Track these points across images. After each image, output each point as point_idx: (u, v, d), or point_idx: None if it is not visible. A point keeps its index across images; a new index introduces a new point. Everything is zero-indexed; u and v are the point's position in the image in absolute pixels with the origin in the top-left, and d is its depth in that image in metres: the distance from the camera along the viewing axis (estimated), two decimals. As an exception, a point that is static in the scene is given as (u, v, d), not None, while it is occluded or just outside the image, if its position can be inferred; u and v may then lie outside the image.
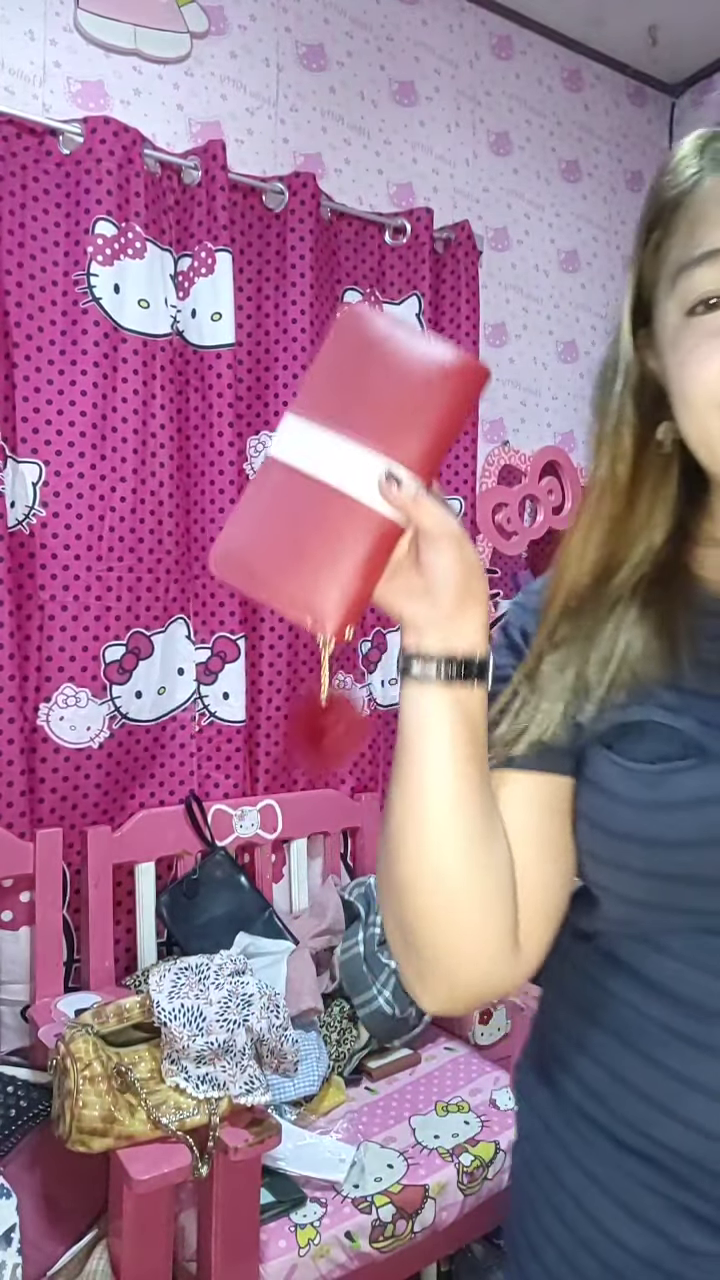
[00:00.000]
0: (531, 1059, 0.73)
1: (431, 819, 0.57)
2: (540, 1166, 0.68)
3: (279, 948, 1.73)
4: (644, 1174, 0.60)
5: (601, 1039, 0.64)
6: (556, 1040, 0.69)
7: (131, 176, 1.76)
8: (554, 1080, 0.68)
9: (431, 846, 0.57)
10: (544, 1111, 0.68)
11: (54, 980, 1.65)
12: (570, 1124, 0.65)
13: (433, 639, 0.56)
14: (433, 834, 0.57)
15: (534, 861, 0.62)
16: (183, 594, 1.91)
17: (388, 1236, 1.35)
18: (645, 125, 2.81)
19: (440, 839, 0.57)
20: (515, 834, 0.61)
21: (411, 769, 0.57)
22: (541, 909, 0.62)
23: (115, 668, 1.79)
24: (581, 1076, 0.65)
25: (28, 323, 1.71)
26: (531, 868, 0.61)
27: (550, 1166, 0.67)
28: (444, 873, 0.57)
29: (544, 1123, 0.68)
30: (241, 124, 2.04)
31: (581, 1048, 0.65)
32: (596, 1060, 0.64)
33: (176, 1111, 1.21)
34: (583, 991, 0.66)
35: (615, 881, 0.61)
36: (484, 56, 2.44)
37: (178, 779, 1.92)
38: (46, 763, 1.73)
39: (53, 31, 1.79)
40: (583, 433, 2.72)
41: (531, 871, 0.61)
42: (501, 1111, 1.60)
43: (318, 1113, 1.56)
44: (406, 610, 0.56)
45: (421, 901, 0.58)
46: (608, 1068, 0.63)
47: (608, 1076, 0.63)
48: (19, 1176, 1.32)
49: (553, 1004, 0.71)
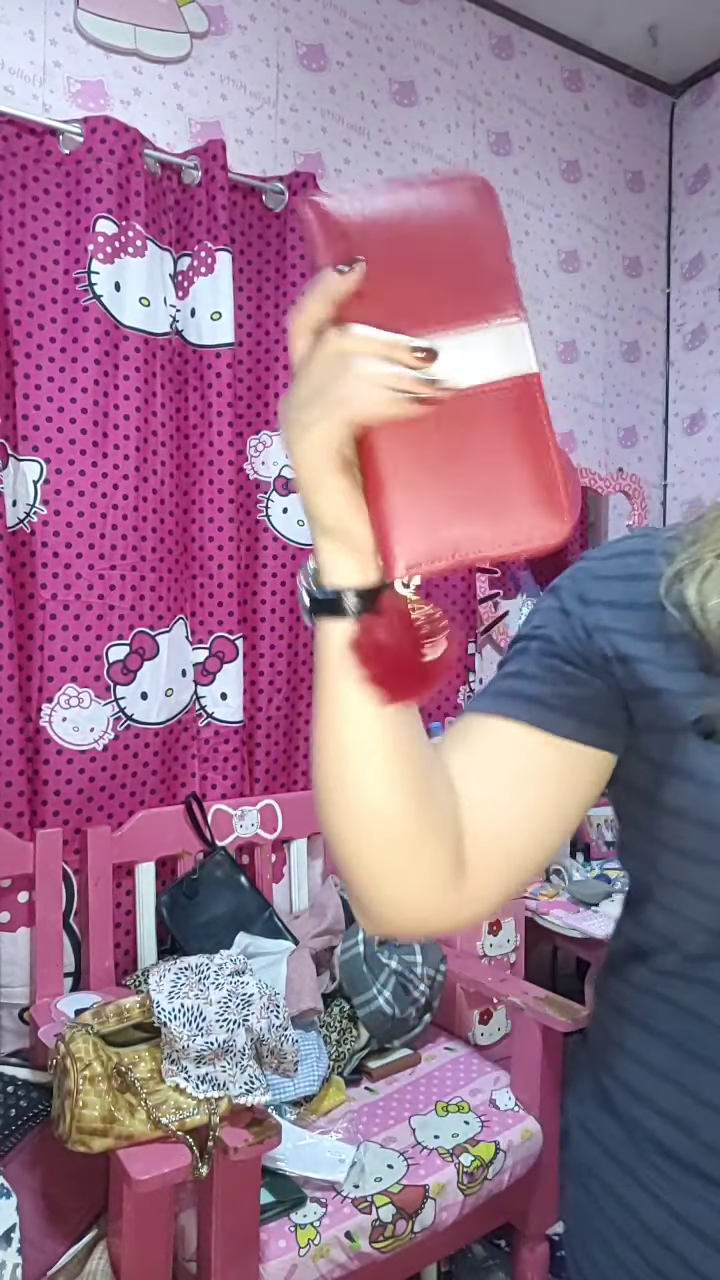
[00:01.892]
0: (588, 1087, 0.70)
1: (353, 763, 0.53)
2: (610, 1200, 0.65)
3: (279, 948, 1.73)
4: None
5: (685, 1064, 0.60)
6: (624, 1066, 0.65)
7: (131, 176, 1.76)
8: (620, 1108, 0.65)
9: (352, 788, 0.54)
10: (609, 1142, 0.65)
11: (54, 980, 1.65)
12: (644, 1155, 0.62)
13: (357, 566, 0.49)
14: (354, 776, 0.53)
15: (502, 805, 0.60)
16: (182, 594, 1.91)
17: (388, 1236, 1.35)
18: (645, 125, 2.81)
19: (361, 781, 0.53)
20: (486, 776, 0.60)
21: (326, 709, 0.53)
22: (498, 853, 0.59)
23: (119, 668, 1.79)
24: (659, 1104, 0.62)
25: (28, 321, 1.71)
26: (496, 811, 0.59)
27: (623, 1200, 0.64)
28: (366, 815, 0.54)
29: (608, 1153, 0.65)
30: (241, 124, 2.04)
31: (659, 1074, 0.62)
32: (681, 1087, 0.61)
33: (176, 1111, 1.20)
34: (654, 1013, 0.63)
35: (711, 881, 0.57)
36: (484, 56, 2.44)
37: (180, 780, 1.92)
38: (50, 764, 1.72)
39: (53, 31, 1.80)
40: (583, 433, 2.73)
41: (492, 812, 0.59)
42: (501, 1111, 1.60)
43: (318, 1113, 1.56)
44: (358, 528, 0.48)
45: (346, 849, 0.56)
46: (694, 1094, 0.60)
47: (693, 1102, 0.60)
48: (19, 1176, 1.31)
49: (614, 1028, 0.67)
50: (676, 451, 2.86)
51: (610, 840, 2.43)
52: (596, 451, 2.73)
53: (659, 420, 2.88)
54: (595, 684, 0.60)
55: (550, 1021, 1.59)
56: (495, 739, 0.61)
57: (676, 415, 2.87)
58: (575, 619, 0.62)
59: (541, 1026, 1.60)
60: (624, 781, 0.63)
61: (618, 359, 2.78)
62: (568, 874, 2.20)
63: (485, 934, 1.98)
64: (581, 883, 2.13)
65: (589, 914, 1.99)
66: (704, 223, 2.77)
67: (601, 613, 0.61)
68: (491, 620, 2.45)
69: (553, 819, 0.61)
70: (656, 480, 2.87)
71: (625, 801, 0.64)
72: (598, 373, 2.73)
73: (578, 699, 0.60)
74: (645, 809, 0.61)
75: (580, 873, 2.22)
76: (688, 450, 2.82)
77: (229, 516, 1.91)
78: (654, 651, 0.58)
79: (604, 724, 0.61)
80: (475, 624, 2.39)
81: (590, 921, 1.94)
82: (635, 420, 2.82)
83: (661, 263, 2.88)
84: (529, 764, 0.60)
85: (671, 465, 2.87)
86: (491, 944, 1.99)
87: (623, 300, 2.79)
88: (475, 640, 2.39)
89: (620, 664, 0.59)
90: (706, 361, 2.77)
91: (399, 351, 0.44)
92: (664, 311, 2.89)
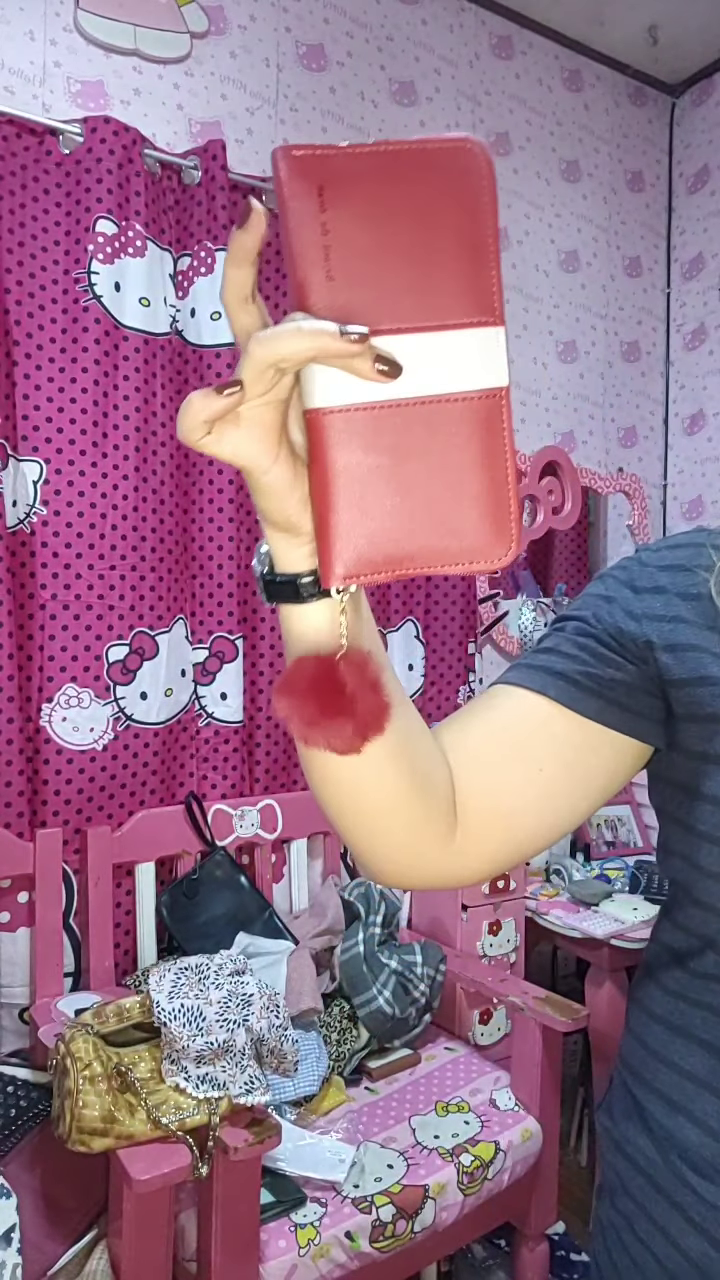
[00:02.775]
0: (621, 1103, 0.68)
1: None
2: (644, 1222, 0.63)
3: (279, 948, 1.73)
4: None
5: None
6: (659, 1075, 0.64)
7: (131, 176, 1.76)
8: (654, 1122, 0.63)
9: (333, 768, 0.53)
10: (643, 1163, 0.64)
11: (54, 980, 1.65)
12: (679, 1176, 0.60)
13: (308, 552, 0.46)
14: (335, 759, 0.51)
15: (510, 775, 0.60)
16: (182, 593, 1.91)
17: (388, 1236, 1.35)
18: (645, 125, 2.81)
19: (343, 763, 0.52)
20: (500, 745, 0.60)
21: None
22: (499, 821, 0.60)
23: (119, 668, 1.79)
24: (696, 1114, 0.60)
25: (28, 321, 1.71)
26: (503, 780, 0.60)
27: (657, 1223, 0.62)
28: (350, 792, 0.54)
29: (643, 1174, 0.64)
30: (241, 124, 2.04)
31: (698, 1082, 0.60)
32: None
33: (176, 1111, 1.21)
34: (691, 1019, 0.62)
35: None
36: (484, 56, 2.44)
37: (177, 780, 1.92)
38: (49, 764, 1.72)
39: (53, 31, 1.79)
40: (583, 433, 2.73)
41: (500, 781, 0.60)
42: (501, 1111, 1.60)
43: (318, 1113, 1.56)
44: (304, 523, 0.45)
45: (331, 813, 0.56)
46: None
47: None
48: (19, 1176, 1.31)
49: (649, 1035, 0.66)
50: (676, 451, 2.86)
51: (610, 840, 2.43)
52: (596, 451, 2.73)
53: (659, 420, 2.88)
54: (628, 669, 0.60)
55: (550, 1021, 1.59)
56: (516, 710, 0.61)
57: (676, 415, 2.87)
58: (619, 605, 0.62)
59: (541, 1026, 1.60)
60: (664, 777, 0.63)
61: (618, 359, 2.78)
62: (568, 874, 2.20)
63: (485, 934, 1.98)
64: (581, 883, 2.13)
65: (589, 914, 1.99)
66: (704, 223, 2.77)
67: (652, 600, 0.61)
68: (492, 620, 2.45)
69: (563, 797, 0.61)
70: (656, 480, 2.87)
71: (666, 798, 0.64)
72: (598, 373, 2.73)
73: (606, 681, 0.60)
74: (685, 801, 0.61)
75: (580, 873, 2.22)
76: (688, 450, 2.82)
77: (229, 516, 1.91)
78: (705, 640, 0.58)
79: (630, 710, 0.61)
80: (475, 624, 2.38)
81: (590, 921, 1.94)
82: (635, 420, 2.82)
83: (661, 263, 2.88)
84: (546, 738, 0.60)
85: (671, 465, 2.87)
86: (491, 944, 1.99)
87: (623, 300, 2.79)
88: (475, 640, 2.39)
89: (667, 652, 0.59)
90: (706, 361, 2.77)
91: (357, 363, 0.39)
92: (664, 311, 2.89)
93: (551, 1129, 1.62)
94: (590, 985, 1.93)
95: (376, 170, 0.40)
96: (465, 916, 1.96)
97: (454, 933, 1.97)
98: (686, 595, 0.60)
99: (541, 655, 0.63)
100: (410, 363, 0.41)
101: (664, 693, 0.60)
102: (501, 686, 0.63)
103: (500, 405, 0.42)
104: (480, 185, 0.41)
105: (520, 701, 0.61)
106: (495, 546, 0.43)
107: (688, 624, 0.59)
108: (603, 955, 1.90)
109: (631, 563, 0.65)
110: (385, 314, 0.41)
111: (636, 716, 0.61)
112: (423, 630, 2.26)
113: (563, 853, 2.38)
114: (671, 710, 0.60)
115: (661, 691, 0.60)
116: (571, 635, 0.62)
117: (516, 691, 0.62)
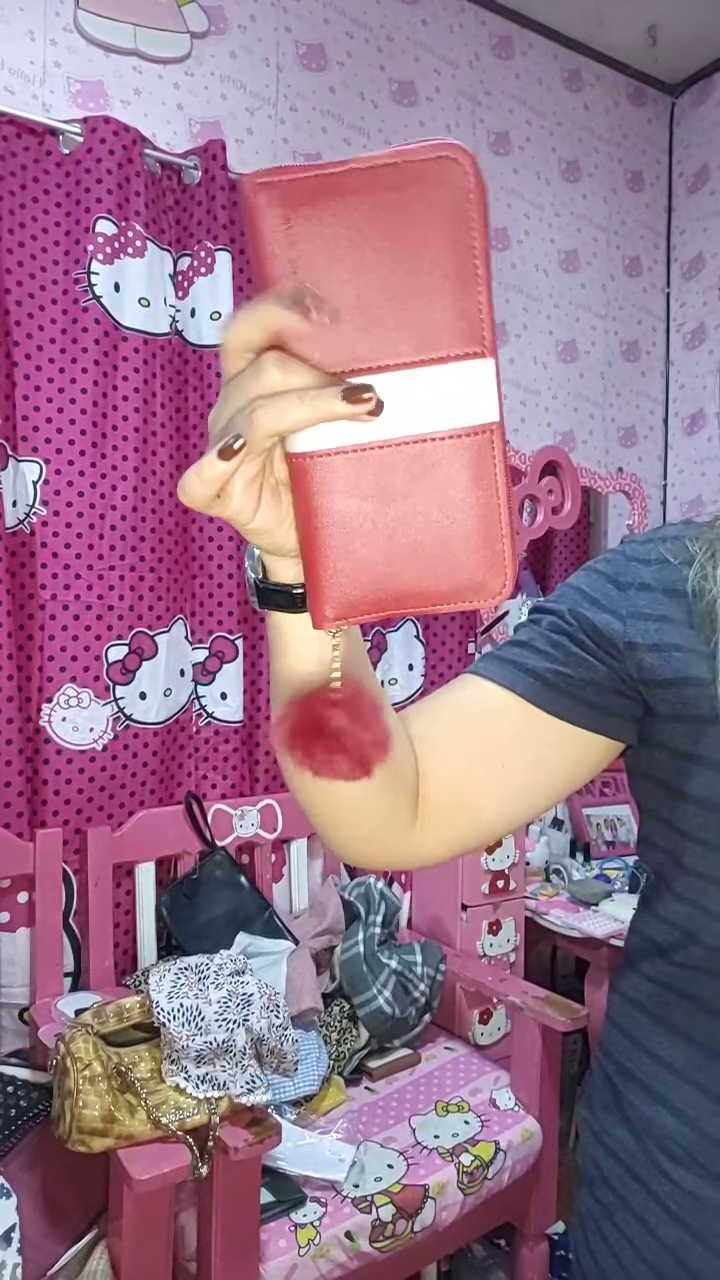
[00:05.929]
0: (601, 1093, 0.68)
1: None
2: (624, 1213, 0.63)
3: (279, 948, 1.73)
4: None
5: (706, 1063, 0.59)
6: (640, 1065, 0.64)
7: (131, 176, 1.76)
8: (633, 1112, 0.64)
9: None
10: (622, 1153, 0.64)
11: (54, 980, 1.65)
12: (657, 1166, 0.61)
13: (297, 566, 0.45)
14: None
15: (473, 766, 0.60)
16: (182, 593, 1.91)
17: (388, 1236, 1.35)
18: (645, 125, 2.81)
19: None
20: (465, 736, 0.61)
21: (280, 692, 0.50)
22: (460, 809, 0.61)
23: (118, 668, 1.79)
24: (675, 1104, 0.61)
25: (28, 321, 1.71)
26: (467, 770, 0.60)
27: (637, 1214, 0.62)
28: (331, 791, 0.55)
29: (622, 1164, 0.64)
30: (241, 124, 2.04)
31: (677, 1073, 0.61)
32: (700, 1088, 0.59)
33: (176, 1111, 1.21)
34: (673, 1009, 0.62)
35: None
36: (484, 56, 2.44)
37: (176, 780, 1.92)
38: (49, 764, 1.72)
39: (53, 31, 1.79)
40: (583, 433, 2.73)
41: (463, 771, 0.60)
42: (501, 1111, 1.60)
43: (318, 1113, 1.56)
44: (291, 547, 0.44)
45: (306, 808, 0.58)
46: (715, 1095, 0.58)
47: (712, 1104, 0.58)
48: (19, 1176, 1.32)
49: (630, 1024, 0.66)
50: (676, 451, 2.86)
51: (610, 840, 2.43)
52: (596, 451, 2.73)
53: (659, 420, 2.88)
54: (599, 669, 0.60)
55: (550, 1021, 1.59)
56: (484, 703, 0.61)
57: (676, 415, 2.87)
58: (601, 602, 0.62)
59: (541, 1026, 1.60)
60: (644, 774, 0.63)
61: (617, 358, 2.78)
62: (568, 874, 2.20)
63: (485, 934, 1.98)
64: (581, 883, 2.13)
65: (589, 914, 1.99)
66: (704, 222, 2.77)
67: (637, 598, 0.61)
68: (491, 620, 2.45)
69: (525, 792, 0.62)
70: (656, 480, 2.87)
71: (648, 794, 0.64)
72: (598, 372, 2.73)
73: (577, 680, 0.60)
74: (668, 799, 0.61)
75: (580, 873, 2.22)
76: (688, 450, 2.82)
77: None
78: (687, 638, 0.58)
79: (599, 708, 0.61)
80: (475, 624, 2.39)
81: (590, 921, 1.94)
82: (635, 420, 2.82)
83: (661, 262, 2.88)
84: (511, 734, 0.61)
85: (671, 465, 2.87)
86: (491, 944, 1.99)
87: (623, 300, 2.79)
88: (475, 640, 2.39)
89: (652, 652, 0.59)
90: (706, 361, 2.77)
91: (338, 405, 0.37)
92: (664, 311, 2.89)
93: (551, 1129, 1.62)
94: (590, 985, 1.93)
95: (350, 191, 0.37)
96: (465, 916, 1.96)
97: (454, 932, 1.97)
98: (671, 592, 0.60)
99: (514, 649, 0.63)
100: (395, 401, 0.39)
101: (639, 691, 0.60)
102: (471, 677, 0.63)
103: (491, 441, 0.40)
104: (464, 200, 0.37)
105: (490, 696, 0.61)
106: (490, 583, 0.42)
107: (673, 623, 0.59)
108: (602, 955, 1.90)
109: (616, 556, 0.65)
110: (366, 351, 0.39)
111: (606, 715, 0.61)
112: (422, 630, 2.27)
113: (562, 852, 2.38)
114: (651, 709, 0.60)
115: (636, 690, 0.60)
116: (546, 631, 0.62)
117: (486, 685, 0.62)
